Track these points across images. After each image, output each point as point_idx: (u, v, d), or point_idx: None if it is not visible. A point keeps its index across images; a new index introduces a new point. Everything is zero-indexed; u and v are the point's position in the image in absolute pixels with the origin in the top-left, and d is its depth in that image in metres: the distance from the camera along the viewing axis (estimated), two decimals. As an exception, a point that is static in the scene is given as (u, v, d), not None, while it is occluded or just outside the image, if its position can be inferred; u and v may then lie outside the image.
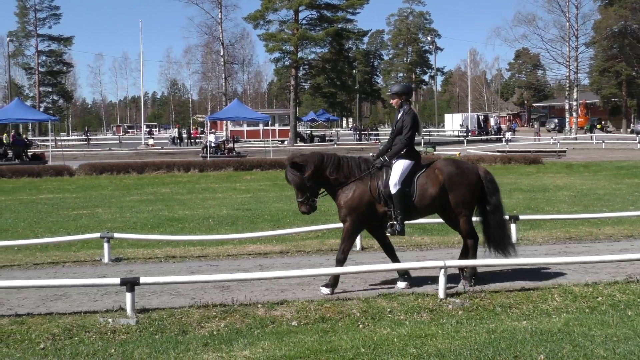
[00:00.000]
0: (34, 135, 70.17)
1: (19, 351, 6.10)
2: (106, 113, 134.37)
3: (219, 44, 62.88)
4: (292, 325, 6.80)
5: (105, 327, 6.68)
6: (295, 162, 7.99)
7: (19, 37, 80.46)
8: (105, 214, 15.96)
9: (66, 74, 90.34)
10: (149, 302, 7.73)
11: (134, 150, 49.01)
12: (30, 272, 9.72)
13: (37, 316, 7.11)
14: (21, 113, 36.45)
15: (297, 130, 58.68)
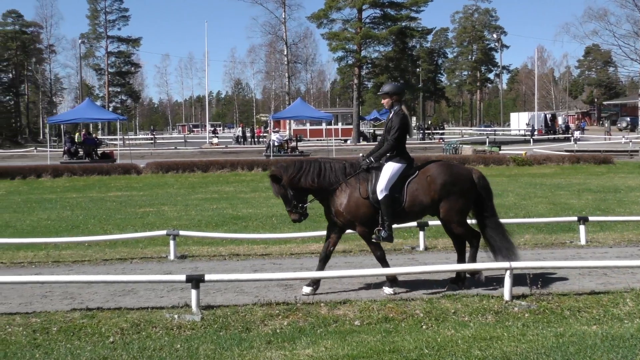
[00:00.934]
0: (103, 134, 72.07)
1: (90, 344, 6.26)
2: (172, 112, 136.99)
3: (282, 43, 63.34)
4: (355, 325, 6.77)
5: (171, 323, 6.79)
6: (274, 174, 7.97)
7: (90, 39, 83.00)
8: (171, 212, 16.26)
9: (134, 74, 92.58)
10: (214, 299, 7.83)
11: (199, 149, 49.78)
12: (100, 267, 9.97)
13: (106, 310, 7.29)
14: (91, 113, 37.53)
15: (360, 129, 58.57)
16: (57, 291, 8.35)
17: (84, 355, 5.87)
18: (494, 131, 69.83)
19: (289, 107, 45.73)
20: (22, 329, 6.64)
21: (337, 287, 8.33)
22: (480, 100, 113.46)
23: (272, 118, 46.96)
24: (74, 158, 35.08)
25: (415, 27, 60.14)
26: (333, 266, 9.70)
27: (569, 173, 26.69)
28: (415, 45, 74.96)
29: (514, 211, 15.20)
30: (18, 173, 27.56)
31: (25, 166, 29.62)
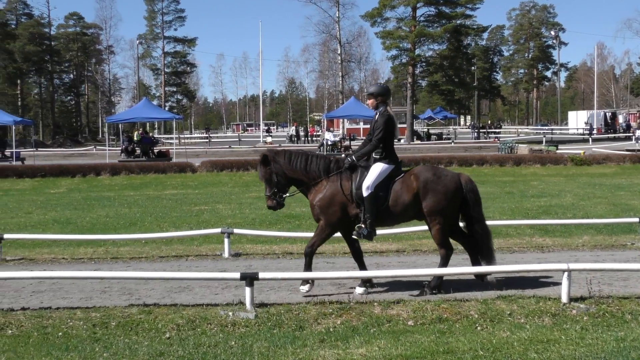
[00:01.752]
0: (159, 133, 73.39)
1: (147, 339, 6.38)
2: (226, 112, 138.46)
3: (336, 42, 63.42)
4: (408, 325, 6.73)
5: (225, 320, 6.87)
6: (265, 156, 8.09)
7: (147, 40, 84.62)
8: (226, 210, 16.44)
9: (189, 74, 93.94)
10: (267, 297, 7.89)
11: (253, 148, 50.19)
12: (157, 264, 10.16)
13: (162, 307, 7.42)
14: (148, 112, 38.25)
15: (414, 128, 58.20)
16: (115, 287, 8.54)
17: (141, 350, 5.98)
18: (551, 130, 68.45)
19: (343, 106, 45.77)
20: (82, 323, 6.81)
21: (390, 286, 8.29)
22: (537, 99, 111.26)
23: (326, 117, 47.15)
24: (131, 157, 35.81)
25: (471, 24, 59.45)
26: (386, 265, 9.68)
27: (630, 173, 25.99)
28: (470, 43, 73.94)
29: (571, 212, 14.90)
30: (78, 171, 28.27)
31: (85, 164, 30.36)
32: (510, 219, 13.66)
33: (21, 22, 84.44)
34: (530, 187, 21.40)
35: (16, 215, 16.07)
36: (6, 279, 8.17)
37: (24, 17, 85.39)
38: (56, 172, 27.98)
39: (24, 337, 6.48)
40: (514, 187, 21.47)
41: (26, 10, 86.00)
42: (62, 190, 23.45)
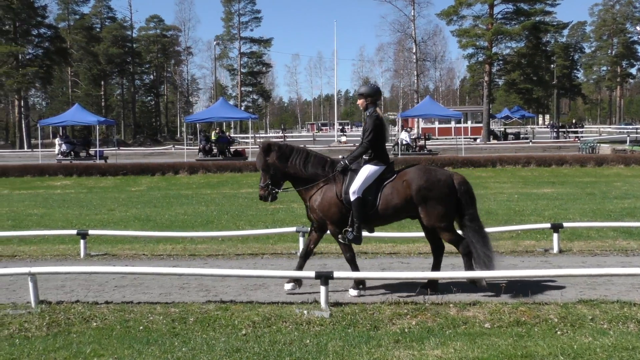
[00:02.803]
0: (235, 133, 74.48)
1: (224, 335, 6.50)
2: (301, 111, 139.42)
3: (411, 41, 62.98)
4: (485, 327, 6.62)
5: (300, 318, 6.92)
6: (267, 146, 8.08)
7: (224, 41, 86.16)
8: (300, 209, 16.53)
9: (265, 74, 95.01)
10: (342, 296, 7.91)
11: (327, 148, 50.35)
12: (233, 261, 10.32)
13: (239, 304, 7.54)
14: (225, 112, 38.89)
15: (490, 128, 57.17)
16: (193, 283, 8.73)
17: (218, 346, 6.10)
18: (636, 129, 65.95)
19: (418, 105, 45.38)
20: (162, 318, 6.99)
21: (466, 287, 8.17)
22: (621, 97, 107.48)
23: (401, 116, 46.80)
24: (208, 156, 36.48)
25: (550, 21, 58.02)
26: (462, 266, 9.54)
27: None
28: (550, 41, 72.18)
29: (657, 214, 14.35)
30: (157, 169, 29.01)
31: (163, 163, 31.12)
32: (592, 220, 13.26)
33: (105, 26, 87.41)
34: (613, 188, 20.72)
35: (100, 212, 16.62)
36: (91, 273, 8.47)
37: (107, 21, 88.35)
38: (137, 171, 28.80)
39: (107, 330, 6.70)
40: (595, 188, 20.83)
41: (110, 14, 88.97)
42: (143, 188, 24.15)
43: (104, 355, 5.86)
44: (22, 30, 69.50)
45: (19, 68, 66.44)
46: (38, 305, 7.46)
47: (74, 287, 8.67)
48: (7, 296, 8.25)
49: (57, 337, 6.48)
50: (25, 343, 6.29)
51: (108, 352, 5.94)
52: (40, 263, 10.23)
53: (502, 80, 63.45)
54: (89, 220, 14.79)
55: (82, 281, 8.99)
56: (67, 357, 5.84)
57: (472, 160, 29.21)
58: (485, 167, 28.14)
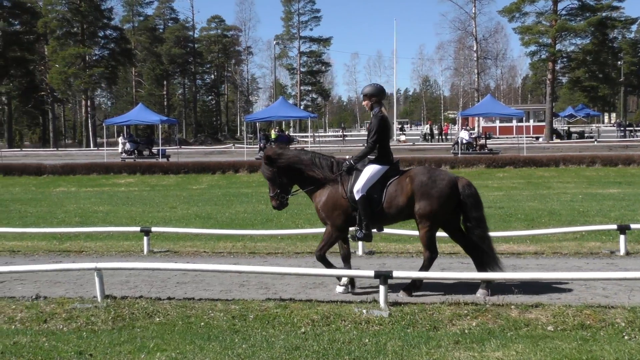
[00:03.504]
0: (294, 132, 74.92)
1: (283, 333, 6.55)
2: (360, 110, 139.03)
3: (472, 39, 62.15)
4: (548, 330, 6.49)
5: (359, 317, 6.92)
6: (269, 156, 8.10)
7: (284, 40, 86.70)
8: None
9: (324, 73, 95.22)
10: (401, 295, 7.87)
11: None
12: (292, 260, 10.40)
13: (298, 302, 7.58)
14: (284, 111, 39.18)
15: (553, 126, 55.99)
16: (253, 281, 8.82)
17: (278, 344, 6.15)
18: None
19: (478, 103, 44.75)
20: (222, 315, 7.10)
21: (528, 289, 8.03)
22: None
23: (461, 115, 46.25)
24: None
25: (618, 17, 56.38)
26: (524, 267, 9.39)
27: None
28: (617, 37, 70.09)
29: None
30: (218, 168, 29.39)
31: (224, 162, 31.49)
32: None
33: (168, 27, 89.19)
34: (682, 188, 20.03)
35: (162, 210, 16.96)
36: (154, 269, 8.66)
37: (170, 22, 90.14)
38: (198, 169, 29.25)
39: (170, 325, 6.84)
40: (664, 188, 20.18)
41: (173, 15, 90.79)
42: (204, 186, 24.52)
43: (167, 350, 5.97)
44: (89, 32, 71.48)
45: (86, 69, 68.35)
46: (104, 300, 7.66)
47: (138, 283, 8.88)
48: (75, 290, 8.50)
49: (122, 331, 6.65)
50: (92, 336, 6.47)
51: (170, 347, 6.05)
52: (106, 259, 10.52)
53: (566, 78, 62.00)
54: (151, 218, 15.10)
55: (146, 277, 9.19)
56: (131, 350, 5.98)
57: (534, 160, 28.65)
58: (548, 167, 27.55)
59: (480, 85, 64.32)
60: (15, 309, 7.48)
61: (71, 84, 69.51)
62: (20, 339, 6.34)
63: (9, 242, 12.41)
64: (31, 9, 75.85)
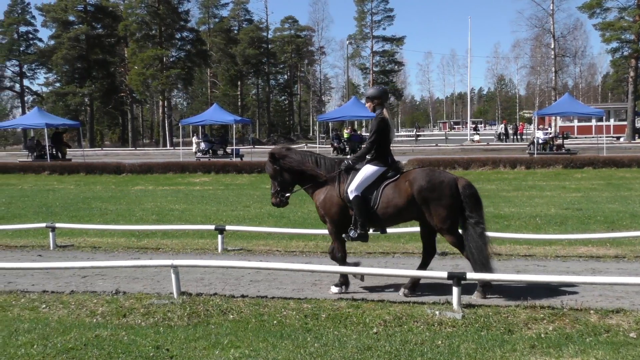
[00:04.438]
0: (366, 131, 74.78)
1: (355, 333, 6.55)
2: (433, 109, 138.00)
3: (549, 36, 60.64)
4: (630, 337, 6.26)
5: (432, 319, 6.85)
6: (273, 154, 8.39)
7: (356, 40, 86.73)
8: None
9: (397, 72, 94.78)
10: (474, 297, 7.75)
11: (460, 146, 49.58)
12: (364, 260, 10.37)
13: (370, 302, 7.57)
14: (357, 110, 39.17)
15: (636, 126, 54.05)
16: (325, 280, 8.85)
17: (350, 343, 6.14)
18: None
19: (555, 102, 43.61)
20: (295, 313, 7.15)
21: (608, 294, 7.79)
22: None
23: (537, 114, 45.21)
24: (340, 154, 36.88)
25: None
26: (603, 271, 9.11)
27: None
28: None
29: None
30: (291, 168, 29.56)
31: (297, 161, 31.64)
32: None
33: (242, 28, 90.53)
34: None
35: (236, 209, 17.20)
36: (228, 267, 8.79)
37: (245, 23, 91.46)
38: (271, 169, 29.51)
39: (243, 323, 6.94)
40: None
41: (247, 16, 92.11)
42: (277, 185, 24.72)
43: (240, 347, 6.06)
44: (166, 34, 73.31)
45: (163, 70, 70.10)
46: (180, 296, 7.83)
47: (212, 280, 9.04)
48: (152, 286, 8.73)
49: (197, 327, 6.78)
50: (168, 331, 6.63)
51: (244, 344, 6.14)
52: (182, 256, 10.75)
53: (649, 76, 59.77)
54: (225, 216, 15.34)
55: (220, 275, 9.35)
56: (206, 346, 6.09)
57: (615, 160, 27.71)
58: (630, 168, 26.61)
59: (557, 83, 62.68)
60: (97, 303, 7.74)
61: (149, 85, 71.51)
62: (102, 332, 6.55)
63: (90, 238, 12.85)
64: (113, 13, 78.47)
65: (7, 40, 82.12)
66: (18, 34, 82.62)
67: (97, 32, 78.61)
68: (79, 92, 74.93)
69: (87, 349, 6.03)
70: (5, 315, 7.46)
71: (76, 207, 18.21)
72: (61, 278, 9.38)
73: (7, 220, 15.55)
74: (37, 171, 31.27)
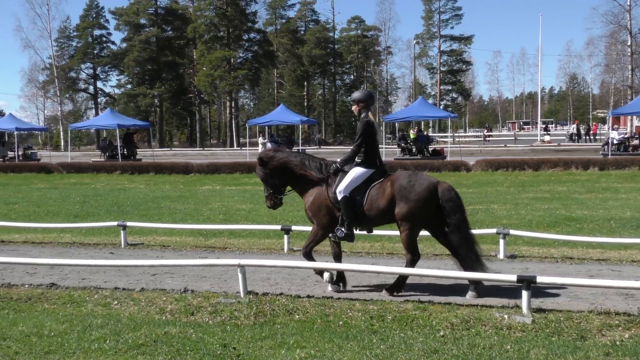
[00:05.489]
0: (433, 132, 74.15)
1: (422, 335, 6.46)
2: (502, 109, 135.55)
3: (625, 33, 58.73)
4: None
5: (500, 323, 6.70)
6: (261, 158, 8.60)
7: (424, 39, 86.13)
8: (500, 210, 16.09)
9: (465, 72, 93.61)
10: (544, 302, 7.55)
11: (530, 147, 48.57)
12: (431, 261, 10.27)
13: (437, 304, 7.46)
14: (424, 111, 38.90)
15: None
16: (390, 281, 8.77)
17: (416, 346, 6.07)
18: None
19: (632, 101, 42.17)
20: (360, 314, 7.11)
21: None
22: None
23: (611, 114, 43.84)
24: (406, 154, 36.62)
25: None
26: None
27: None
28: None
29: None
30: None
31: (363, 162, 31.59)
32: None
33: (309, 28, 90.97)
34: None
35: (301, 209, 17.18)
36: (294, 267, 8.82)
37: (311, 23, 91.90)
38: (337, 169, 29.54)
39: (309, 323, 6.94)
40: None
41: (314, 17, 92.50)
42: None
43: (306, 347, 6.06)
44: (234, 35, 74.36)
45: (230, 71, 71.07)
46: (246, 296, 7.90)
47: (278, 280, 9.09)
48: (219, 285, 8.84)
49: (263, 327, 6.82)
50: (235, 330, 6.69)
51: (310, 345, 6.13)
52: (248, 255, 10.85)
53: None
54: (291, 217, 15.40)
55: (286, 275, 9.40)
56: (272, 346, 6.11)
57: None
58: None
59: (634, 82, 60.61)
60: (166, 300, 7.88)
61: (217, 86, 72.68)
62: (170, 329, 6.66)
63: (159, 237, 13.12)
64: (182, 15, 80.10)
65: (82, 43, 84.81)
66: (92, 38, 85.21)
67: (167, 35, 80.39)
68: (149, 93, 76.79)
69: (156, 345, 6.13)
70: (80, 311, 7.67)
71: (146, 206, 18.64)
72: (132, 275, 9.60)
73: (81, 218, 16.05)
74: (109, 171, 32.18)
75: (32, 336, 6.46)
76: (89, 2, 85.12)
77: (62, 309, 7.78)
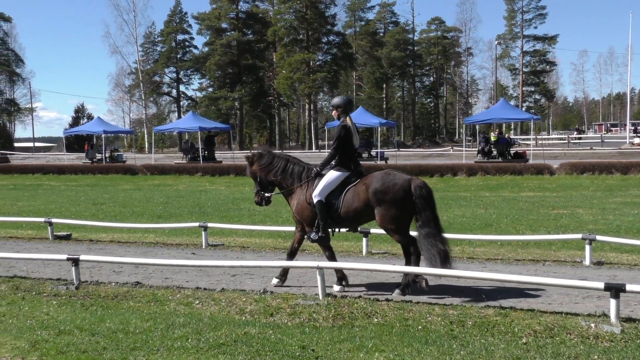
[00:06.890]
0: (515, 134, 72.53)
1: (503, 342, 6.31)
2: (587, 111, 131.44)
3: None
4: None
5: (587, 332, 6.48)
6: (248, 157, 9.17)
7: (505, 40, 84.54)
8: (586, 215, 15.59)
9: (549, 73, 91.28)
10: (634, 311, 7.26)
11: (617, 150, 46.89)
12: (512, 267, 10.04)
13: (519, 311, 7.27)
14: (505, 113, 38.08)
15: None
16: (470, 286, 8.63)
17: (497, 353, 5.93)
18: None
19: None
20: (440, 319, 7.01)
21: None
22: None
23: None
24: (487, 157, 35.97)
25: None
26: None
27: None
28: None
29: None
30: (436, 171, 29.28)
31: (442, 164, 31.31)
32: None
33: (388, 30, 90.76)
34: None
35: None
36: (372, 270, 8.79)
37: (391, 25, 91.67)
38: (416, 172, 29.17)
39: (387, 327, 6.89)
40: None
41: (393, 18, 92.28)
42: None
43: (385, 351, 6.01)
44: (313, 38, 74.86)
45: (310, 74, 71.57)
46: (325, 298, 7.92)
47: (356, 283, 9.07)
48: (298, 287, 8.89)
49: (341, 329, 6.82)
50: (314, 332, 6.71)
51: (388, 348, 6.09)
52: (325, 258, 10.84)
53: None
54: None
55: (364, 277, 9.37)
56: (350, 349, 6.10)
57: None
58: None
59: None
60: (246, 301, 7.99)
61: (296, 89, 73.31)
62: (250, 329, 6.74)
63: (239, 238, 13.32)
64: (262, 19, 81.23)
65: (166, 48, 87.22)
66: (176, 42, 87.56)
67: (247, 38, 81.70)
68: (230, 96, 78.20)
69: (236, 345, 6.22)
70: (163, 309, 7.87)
71: (226, 207, 18.98)
72: (212, 276, 9.78)
73: (164, 219, 16.48)
74: (190, 172, 32.92)
75: (119, 332, 6.66)
76: (173, 8, 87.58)
77: (147, 307, 8.00)
